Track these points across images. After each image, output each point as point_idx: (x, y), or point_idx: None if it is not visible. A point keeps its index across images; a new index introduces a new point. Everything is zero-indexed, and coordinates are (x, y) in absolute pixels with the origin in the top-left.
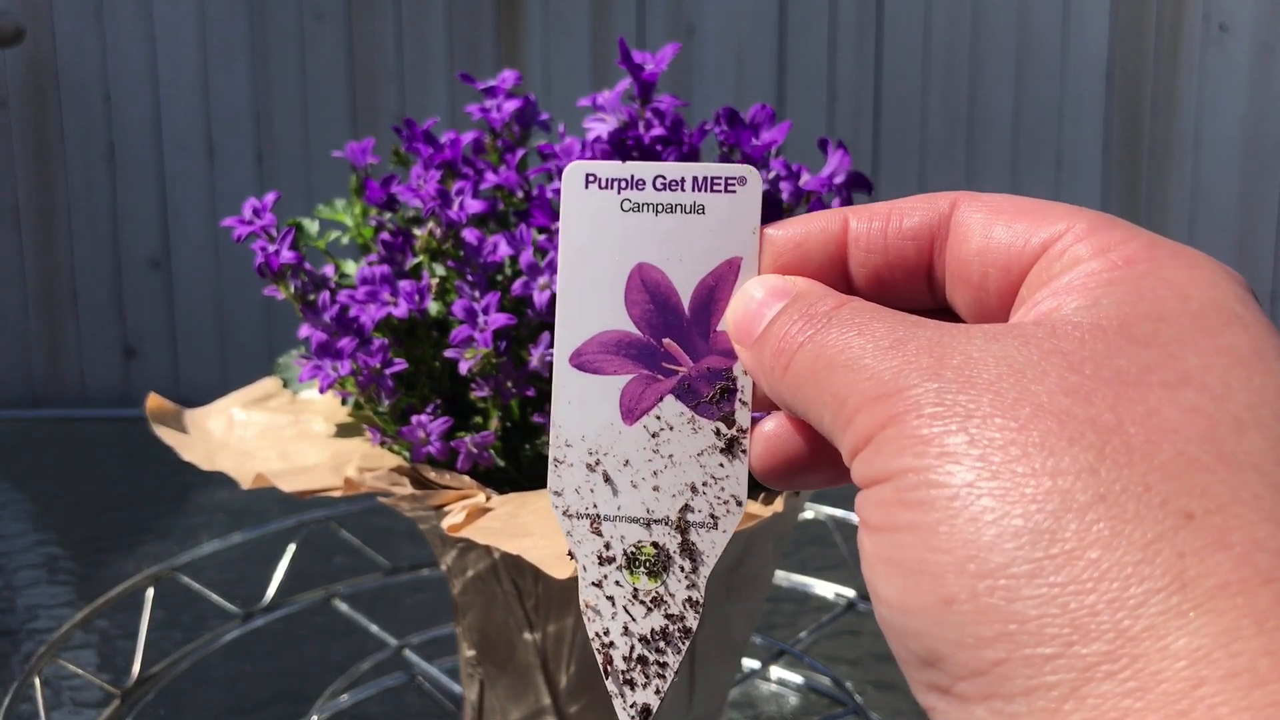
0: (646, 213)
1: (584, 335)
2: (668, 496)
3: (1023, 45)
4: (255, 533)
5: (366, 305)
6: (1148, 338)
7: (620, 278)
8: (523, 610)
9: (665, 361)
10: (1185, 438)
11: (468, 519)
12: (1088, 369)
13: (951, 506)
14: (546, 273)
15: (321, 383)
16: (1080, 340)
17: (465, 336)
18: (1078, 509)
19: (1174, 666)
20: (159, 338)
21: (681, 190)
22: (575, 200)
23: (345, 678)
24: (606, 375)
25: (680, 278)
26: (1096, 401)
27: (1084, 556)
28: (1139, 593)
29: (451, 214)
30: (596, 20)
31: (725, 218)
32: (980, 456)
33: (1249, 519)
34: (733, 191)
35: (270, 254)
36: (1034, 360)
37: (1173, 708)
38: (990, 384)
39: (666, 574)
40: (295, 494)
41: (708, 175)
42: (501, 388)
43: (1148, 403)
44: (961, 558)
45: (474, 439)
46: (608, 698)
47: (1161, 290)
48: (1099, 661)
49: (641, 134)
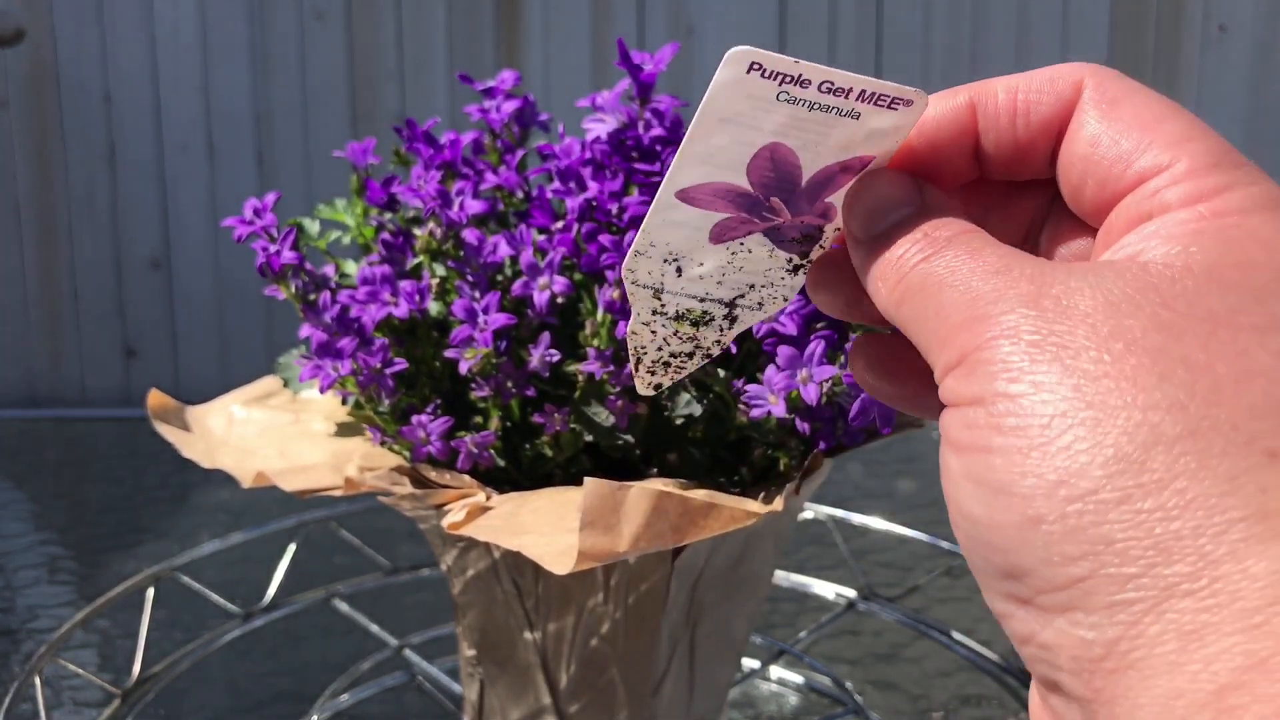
0: (800, 106)
1: (696, 180)
2: (728, 289)
3: (1022, 45)
4: (255, 533)
5: (367, 305)
6: (1236, 284)
7: (752, 148)
8: (523, 609)
9: (766, 212)
10: (1273, 380)
11: (468, 517)
12: (1180, 306)
13: (1045, 434)
14: (546, 273)
15: (322, 382)
16: (1172, 279)
17: (465, 336)
18: (1166, 442)
19: (1253, 586)
20: (159, 338)
21: (844, 98)
22: (731, 79)
23: (345, 677)
24: (707, 211)
25: (809, 162)
26: (1188, 339)
27: (1170, 486)
28: (1221, 521)
29: (452, 214)
30: (596, 21)
31: (877, 128)
32: (1075, 387)
33: None
34: (895, 109)
35: (271, 254)
36: (1129, 295)
37: (1248, 620)
38: (1086, 315)
39: (706, 327)
40: (296, 493)
41: (875, 91)
42: (501, 388)
43: (1238, 344)
44: (1053, 482)
45: (474, 439)
46: (607, 697)
47: (1248, 243)
48: (1180, 581)
49: (641, 134)
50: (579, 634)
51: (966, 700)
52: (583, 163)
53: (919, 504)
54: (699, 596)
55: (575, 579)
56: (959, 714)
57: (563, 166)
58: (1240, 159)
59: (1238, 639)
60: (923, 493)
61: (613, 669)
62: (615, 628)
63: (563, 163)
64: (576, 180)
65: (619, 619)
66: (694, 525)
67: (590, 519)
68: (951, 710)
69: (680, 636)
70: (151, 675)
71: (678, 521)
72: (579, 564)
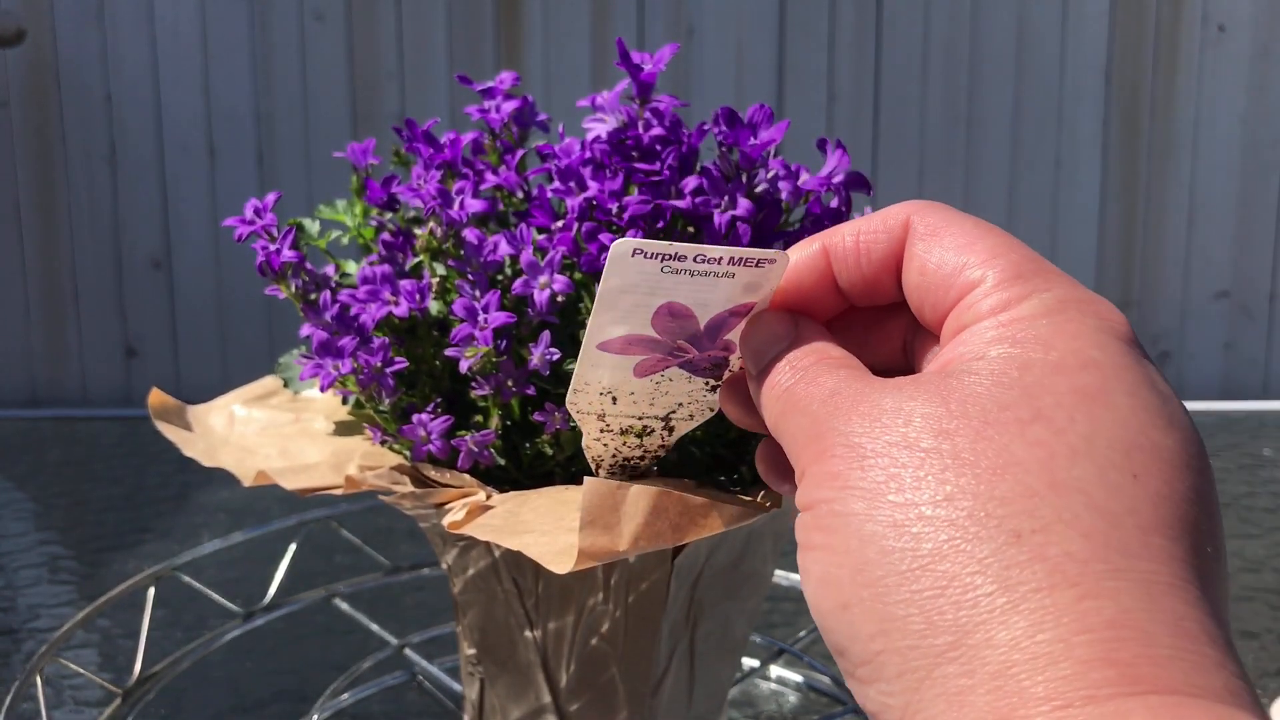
0: (683, 275)
1: (612, 336)
2: (660, 408)
3: (1022, 46)
4: (256, 532)
5: (367, 304)
6: (1013, 382)
7: (651, 308)
8: (523, 608)
9: (676, 351)
10: (1025, 469)
11: (468, 516)
12: (957, 410)
13: (848, 529)
14: (546, 271)
15: (322, 381)
16: (961, 385)
17: (466, 335)
18: (934, 530)
19: (996, 653)
20: (160, 338)
21: (718, 264)
22: (621, 263)
23: (346, 676)
24: (627, 355)
25: (702, 313)
26: (959, 439)
27: (936, 569)
28: (973, 596)
29: (453, 213)
30: (596, 21)
31: (751, 282)
32: (868, 489)
33: (1065, 535)
34: (762, 267)
35: (271, 253)
36: (918, 407)
37: (993, 683)
38: (886, 428)
39: (648, 436)
40: (297, 492)
41: (743, 256)
42: (502, 386)
43: (1001, 439)
44: (853, 570)
45: (474, 437)
46: (608, 696)
47: (1031, 344)
48: (945, 650)
49: (640, 134)
50: (579, 633)
51: None
52: (583, 162)
53: None
54: (699, 595)
55: (575, 578)
56: None
57: (563, 166)
58: (1041, 267)
59: (988, 699)
60: None
61: (613, 668)
62: (615, 627)
63: (563, 162)
64: (576, 180)
65: (619, 618)
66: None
67: (590, 518)
68: None
69: (680, 635)
70: (152, 674)
71: (678, 520)
72: (579, 563)
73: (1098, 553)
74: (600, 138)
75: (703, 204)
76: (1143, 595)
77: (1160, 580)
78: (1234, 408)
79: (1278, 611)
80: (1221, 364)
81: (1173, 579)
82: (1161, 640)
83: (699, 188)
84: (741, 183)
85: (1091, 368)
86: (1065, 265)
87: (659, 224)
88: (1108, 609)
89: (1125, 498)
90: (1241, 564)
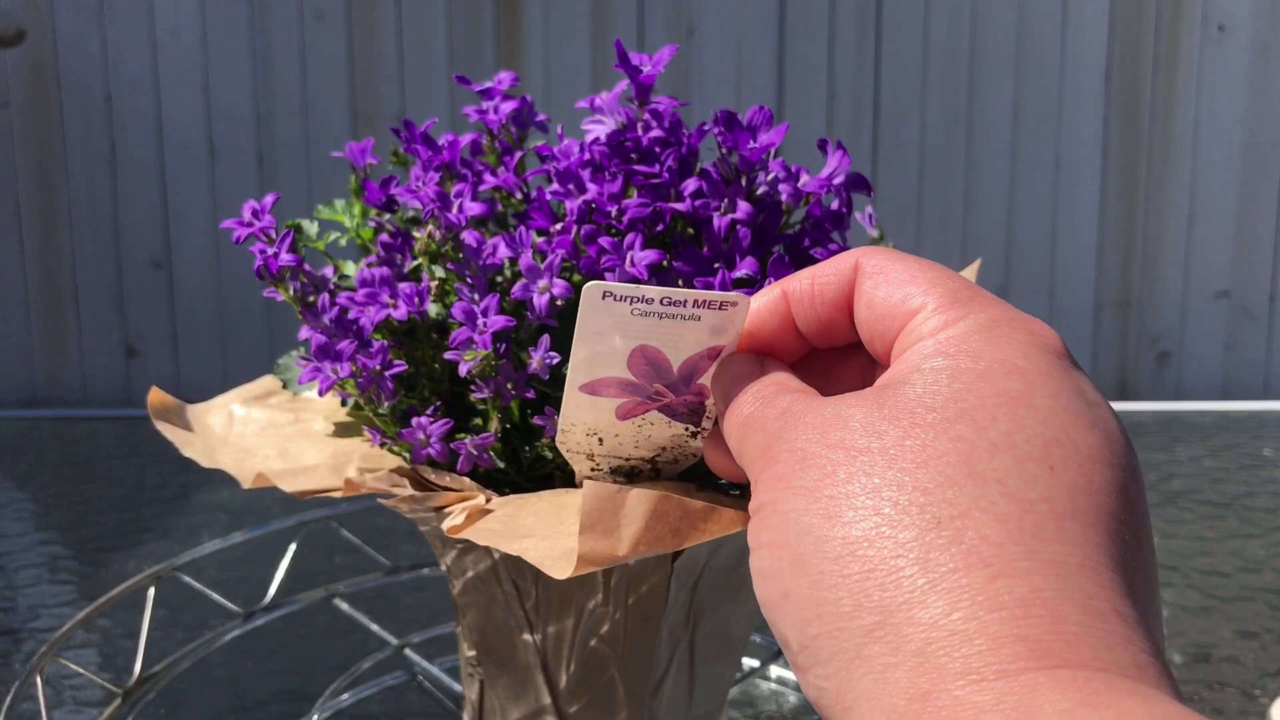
0: (651, 317)
1: (591, 378)
2: (644, 451)
3: (1021, 46)
4: (256, 532)
5: (366, 307)
6: (941, 389)
7: (626, 352)
8: (523, 610)
9: (654, 395)
10: (947, 462)
11: (468, 520)
12: (890, 414)
13: (787, 525)
14: (546, 275)
15: (321, 385)
16: (894, 394)
17: (465, 338)
18: (862, 519)
19: (917, 631)
20: (160, 338)
21: (684, 306)
22: (592, 306)
23: (346, 676)
24: (608, 398)
25: (675, 357)
26: (888, 439)
27: (864, 554)
28: (896, 579)
29: (451, 216)
30: (596, 22)
31: (717, 325)
32: (807, 487)
33: (981, 520)
34: (725, 310)
35: (269, 256)
36: (855, 413)
37: (914, 660)
38: (826, 433)
39: (637, 476)
40: (295, 494)
41: (706, 299)
42: (501, 389)
43: (925, 437)
44: (792, 561)
45: (474, 441)
46: (607, 697)
47: (961, 356)
48: (872, 629)
49: (640, 136)
50: (579, 635)
51: None
52: (581, 164)
53: None
54: (699, 597)
55: (574, 580)
56: None
57: (561, 168)
58: (977, 293)
59: (910, 675)
60: None
61: (612, 669)
62: (615, 628)
63: (561, 164)
64: (575, 182)
65: (619, 620)
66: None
67: (589, 522)
68: None
69: (680, 637)
70: (152, 675)
71: (678, 525)
72: (578, 568)
73: (1012, 536)
74: (599, 139)
75: (702, 207)
76: (1054, 575)
77: (1072, 562)
78: (1234, 408)
79: (1278, 611)
80: (1221, 364)
81: (1085, 561)
82: (1071, 618)
83: (698, 190)
84: (741, 185)
85: (1016, 374)
86: (1065, 265)
87: (658, 227)
88: (1019, 588)
89: (1041, 487)
90: (1241, 564)
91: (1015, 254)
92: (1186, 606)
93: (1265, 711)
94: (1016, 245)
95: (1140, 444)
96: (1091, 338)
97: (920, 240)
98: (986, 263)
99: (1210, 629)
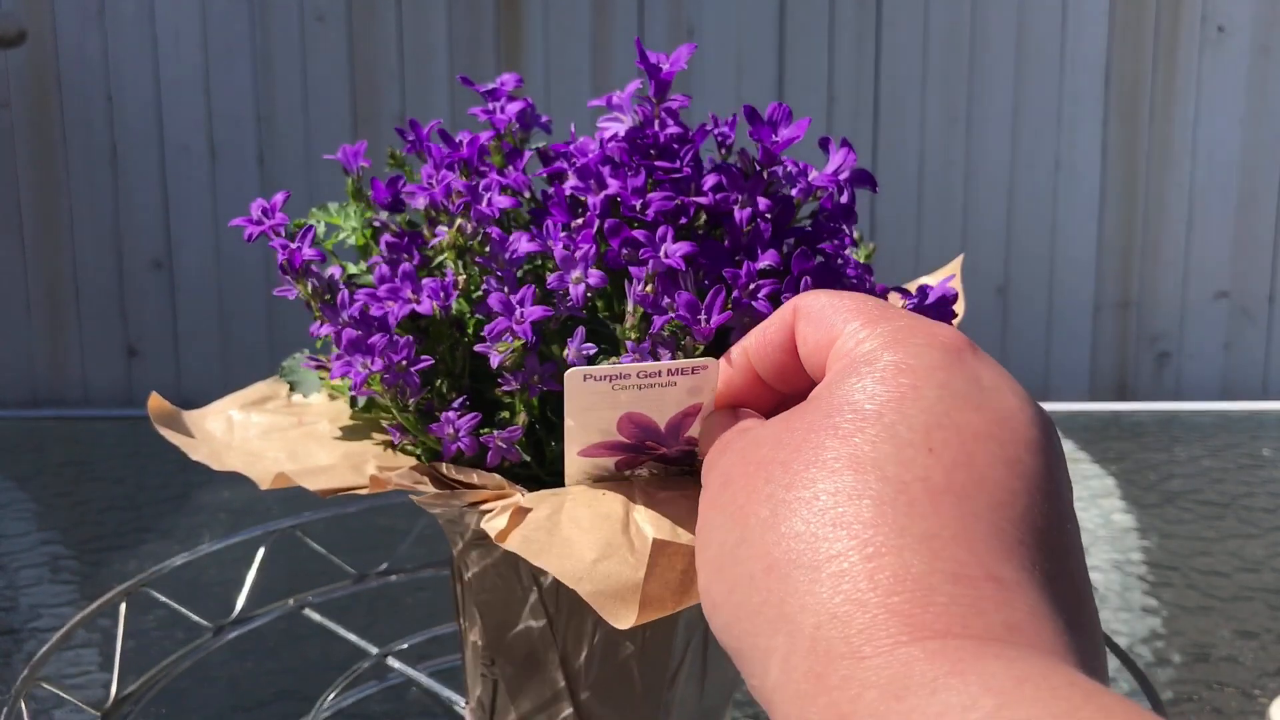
0: (632, 390)
1: (586, 444)
2: None
3: (1021, 46)
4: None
5: (386, 302)
6: (840, 397)
7: (614, 420)
8: (542, 604)
9: (647, 449)
10: (834, 457)
11: (511, 523)
12: (794, 426)
13: (711, 542)
14: (581, 266)
15: (354, 380)
16: (803, 409)
17: (502, 329)
18: (762, 524)
19: (808, 619)
20: (161, 338)
21: (659, 376)
22: (576, 389)
23: (347, 676)
24: (606, 458)
25: (659, 417)
26: (788, 448)
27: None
28: (790, 572)
29: (483, 209)
30: (597, 22)
31: (692, 386)
32: (725, 505)
33: (860, 505)
34: (697, 374)
35: (293, 251)
36: (766, 432)
37: (809, 645)
38: (743, 454)
39: None
40: (319, 493)
41: (679, 367)
42: (529, 382)
43: (818, 439)
44: (715, 574)
45: (502, 434)
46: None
47: (863, 365)
48: (775, 622)
49: (657, 132)
50: (600, 627)
51: None
52: (601, 160)
53: None
54: None
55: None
56: None
57: (579, 165)
58: (887, 312)
59: (807, 661)
60: None
61: (631, 660)
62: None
63: (580, 161)
64: (596, 178)
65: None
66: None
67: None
68: None
69: (695, 628)
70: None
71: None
72: (642, 616)
73: (885, 517)
74: (618, 136)
75: (723, 200)
76: (925, 549)
77: (945, 534)
78: (1233, 408)
79: (1277, 611)
80: (1221, 364)
81: (960, 532)
82: (941, 589)
83: (719, 184)
84: (761, 180)
85: (907, 372)
86: (1065, 265)
87: (681, 220)
88: (892, 565)
89: (918, 468)
90: (1240, 564)
91: (1015, 254)
92: (1186, 606)
93: (1264, 711)
94: (1016, 245)
95: (1140, 444)
96: (1091, 338)
97: (920, 240)
98: (986, 263)
99: (1209, 629)
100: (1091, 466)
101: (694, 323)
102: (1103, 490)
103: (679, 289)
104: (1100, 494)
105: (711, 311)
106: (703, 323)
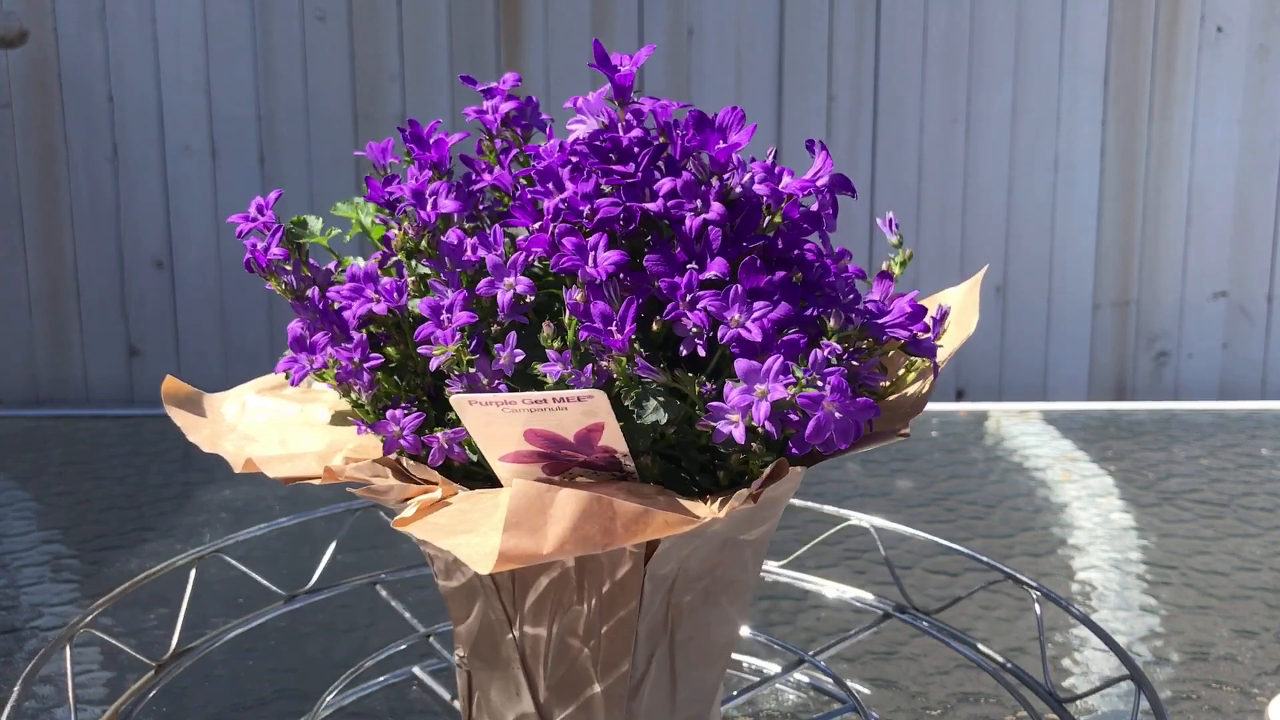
0: (523, 413)
1: (503, 453)
2: None
3: (1020, 46)
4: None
5: (351, 301)
6: None
7: (519, 434)
8: (501, 606)
9: (567, 455)
10: None
11: (417, 514)
12: None
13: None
14: (511, 272)
15: (294, 376)
16: None
17: (428, 334)
18: None
19: None
20: (162, 337)
21: (550, 403)
22: (468, 413)
23: (348, 675)
24: (529, 464)
25: (563, 432)
26: None
27: None
28: None
29: (424, 214)
30: (597, 21)
31: (586, 409)
32: None
33: None
34: (584, 402)
35: (258, 251)
36: None
37: None
38: None
39: None
40: (279, 480)
41: (566, 395)
42: (475, 385)
43: None
44: None
45: (446, 434)
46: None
47: None
48: None
49: (620, 135)
50: (555, 632)
51: (964, 698)
52: (561, 164)
53: (917, 503)
54: (675, 600)
55: (549, 578)
56: (956, 711)
57: (541, 168)
58: None
59: None
60: (921, 491)
61: (589, 669)
62: (590, 628)
63: (541, 164)
64: (555, 181)
65: (594, 619)
66: (626, 530)
67: (515, 520)
68: (949, 708)
69: (659, 639)
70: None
71: (608, 525)
72: (499, 565)
73: None
74: (580, 139)
75: (675, 207)
76: None
77: None
78: (1232, 408)
79: (1276, 611)
80: (1219, 364)
81: None
82: None
83: (672, 190)
84: (714, 186)
85: None
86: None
87: (630, 226)
88: None
89: None
90: (1239, 563)
91: (1014, 254)
92: (1184, 605)
93: (1263, 710)
94: (1015, 245)
95: (1138, 443)
96: (1090, 337)
97: (919, 240)
98: (985, 262)
99: (1208, 628)
100: (1090, 466)
101: (605, 334)
102: (1101, 489)
103: (600, 299)
104: (1099, 493)
105: (624, 324)
106: (614, 335)
